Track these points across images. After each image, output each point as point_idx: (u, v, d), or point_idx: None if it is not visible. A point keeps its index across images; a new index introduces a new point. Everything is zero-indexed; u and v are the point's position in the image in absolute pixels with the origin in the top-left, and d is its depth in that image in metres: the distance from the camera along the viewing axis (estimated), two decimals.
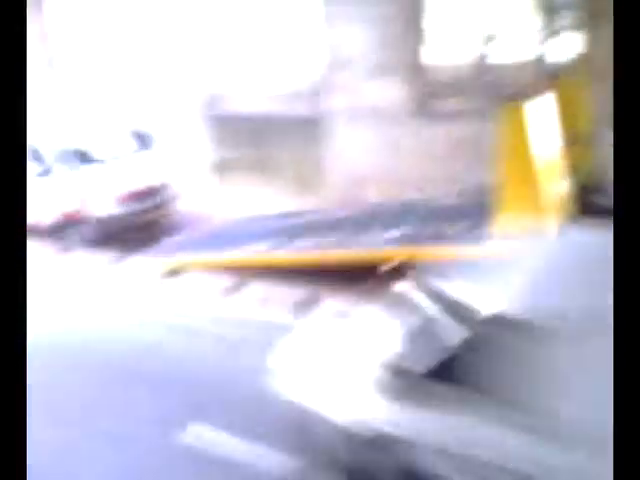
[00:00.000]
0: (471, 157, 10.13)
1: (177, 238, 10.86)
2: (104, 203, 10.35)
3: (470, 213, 8.53)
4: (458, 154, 10.50)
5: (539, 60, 10.54)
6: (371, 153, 11.43)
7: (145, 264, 9.70)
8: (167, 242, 10.72)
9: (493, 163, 7.57)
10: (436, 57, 11.46)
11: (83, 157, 10.92)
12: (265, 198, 11.88)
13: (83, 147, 11.18)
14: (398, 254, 8.24)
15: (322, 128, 11.93)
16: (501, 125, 7.45)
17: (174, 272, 9.41)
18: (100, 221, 10.35)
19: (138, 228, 10.89)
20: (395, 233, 8.52)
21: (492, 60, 11.05)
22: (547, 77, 9.78)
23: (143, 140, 11.85)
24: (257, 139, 12.65)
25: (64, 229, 10.54)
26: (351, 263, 8.48)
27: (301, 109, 12.46)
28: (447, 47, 12.62)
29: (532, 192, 7.21)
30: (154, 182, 11.00)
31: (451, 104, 11.40)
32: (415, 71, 11.06)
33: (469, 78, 11.36)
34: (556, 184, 7.37)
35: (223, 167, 13.05)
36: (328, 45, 11.64)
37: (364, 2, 10.99)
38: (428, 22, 11.02)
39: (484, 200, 8.59)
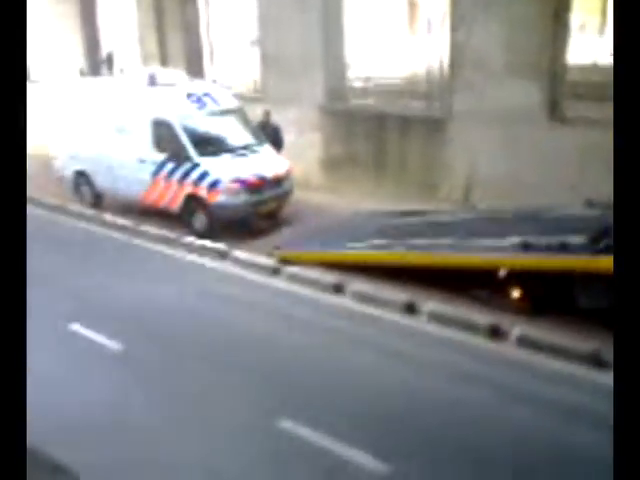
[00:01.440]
0: (603, 166, 9.52)
1: (291, 230, 11.08)
2: (229, 190, 10.75)
3: (596, 225, 8.05)
4: (588, 162, 9.92)
5: None
6: (494, 156, 11.05)
7: (260, 252, 9.95)
8: (281, 233, 10.96)
9: None
10: (574, 57, 10.85)
11: (214, 145, 11.39)
12: (382, 195, 11.82)
13: (215, 135, 11.65)
14: (514, 262, 7.96)
15: (445, 128, 11.70)
16: None
17: (287, 263, 9.60)
18: (225, 207, 10.76)
19: (258, 217, 11.21)
20: (513, 240, 8.19)
21: None
22: None
23: (268, 131, 12.17)
24: (377, 136, 12.60)
25: (192, 212, 11.08)
26: (463, 267, 8.28)
27: (424, 108, 12.28)
28: (586, 46, 11.96)
29: None
30: (274, 174, 11.26)
31: (586, 109, 10.79)
32: (548, 72, 10.53)
33: (609, 80, 10.69)
34: None
35: (342, 162, 13.13)
36: (456, 43, 11.34)
37: (494, 2, 10.61)
38: (565, 20, 10.44)
39: (612, 212, 8.07)
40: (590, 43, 12.45)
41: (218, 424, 6.20)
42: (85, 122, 12.53)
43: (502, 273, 8.07)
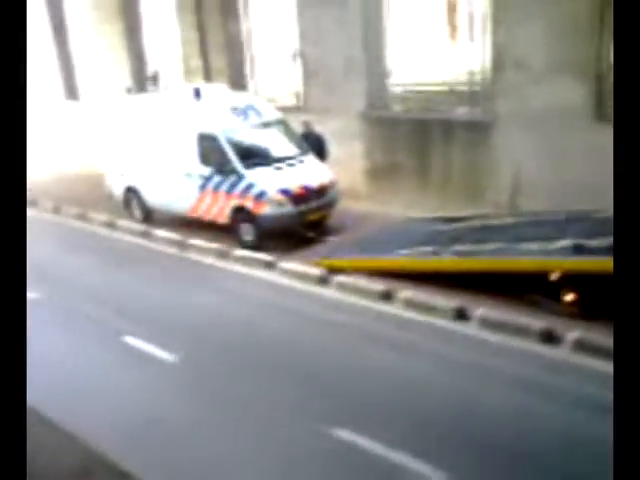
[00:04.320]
0: None
1: (337, 239, 11.15)
2: (275, 201, 10.89)
3: None
4: None
5: None
6: (540, 158, 10.92)
7: (308, 262, 10.04)
8: (328, 242, 11.05)
9: None
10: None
11: (259, 156, 11.55)
12: (427, 202, 11.80)
13: (260, 147, 11.83)
14: (566, 265, 7.87)
15: (488, 132, 11.62)
16: None
17: (335, 271, 9.66)
18: (271, 218, 10.90)
19: (304, 227, 11.32)
20: (561, 244, 8.11)
21: None
22: None
23: (312, 142, 12.29)
24: (420, 142, 12.59)
25: (239, 224, 11.26)
26: (514, 271, 8.22)
27: (467, 112, 12.22)
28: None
29: None
30: (319, 183, 11.36)
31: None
32: (593, 72, 10.38)
33: None
34: None
35: (385, 170, 13.15)
36: (497, 45, 11.26)
37: (536, 1, 10.51)
38: (609, 17, 10.28)
39: None
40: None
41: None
42: (133, 139, 12.86)
43: (554, 276, 7.99)
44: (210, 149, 11.51)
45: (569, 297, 7.86)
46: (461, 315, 8.19)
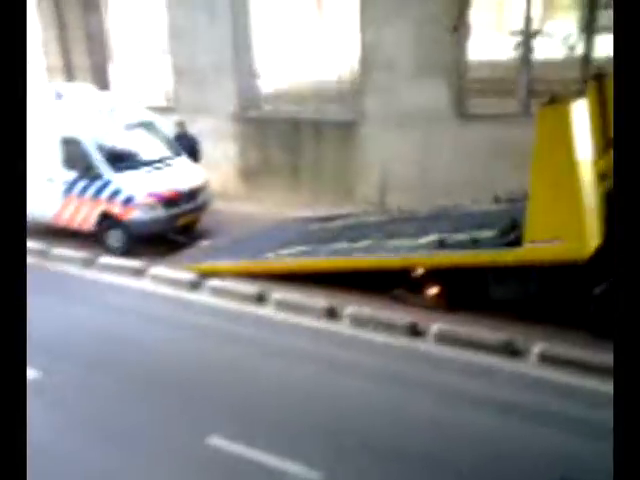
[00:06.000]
0: (509, 161, 9.86)
1: (210, 242, 10.95)
2: (144, 205, 10.52)
3: (504, 219, 8.33)
4: (493, 158, 10.24)
5: (583, 58, 10.18)
6: (407, 156, 11.26)
7: (179, 267, 9.79)
8: (200, 246, 10.82)
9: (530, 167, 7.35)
10: (477, 56, 11.19)
11: (127, 160, 11.13)
12: (299, 202, 11.85)
13: (127, 150, 11.39)
14: (430, 261, 8.13)
15: (357, 131, 11.82)
16: (538, 128, 7.23)
17: (207, 276, 9.47)
18: (140, 223, 10.53)
19: (175, 231, 11.03)
20: (426, 239, 8.37)
21: (535, 57, 10.73)
22: (591, 76, 9.42)
23: (185, 143, 12.00)
24: (291, 142, 12.62)
25: (107, 230, 10.81)
26: (382, 268, 8.40)
27: (337, 112, 12.38)
28: (488, 45, 12.37)
29: (565, 197, 6.97)
30: (190, 186, 11.10)
31: (491, 105, 11.14)
32: (455, 71, 10.82)
33: (511, 77, 11.08)
34: (590, 189, 7.09)
35: (258, 170, 13.10)
36: (365, 45, 11.49)
37: (401, 4, 10.81)
38: (467, 21, 10.75)
39: (519, 206, 8.39)
40: (489, 40, 12.83)
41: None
42: None
43: (419, 271, 8.24)
44: (74, 153, 10.93)
45: (433, 291, 8.14)
46: (332, 314, 8.26)
